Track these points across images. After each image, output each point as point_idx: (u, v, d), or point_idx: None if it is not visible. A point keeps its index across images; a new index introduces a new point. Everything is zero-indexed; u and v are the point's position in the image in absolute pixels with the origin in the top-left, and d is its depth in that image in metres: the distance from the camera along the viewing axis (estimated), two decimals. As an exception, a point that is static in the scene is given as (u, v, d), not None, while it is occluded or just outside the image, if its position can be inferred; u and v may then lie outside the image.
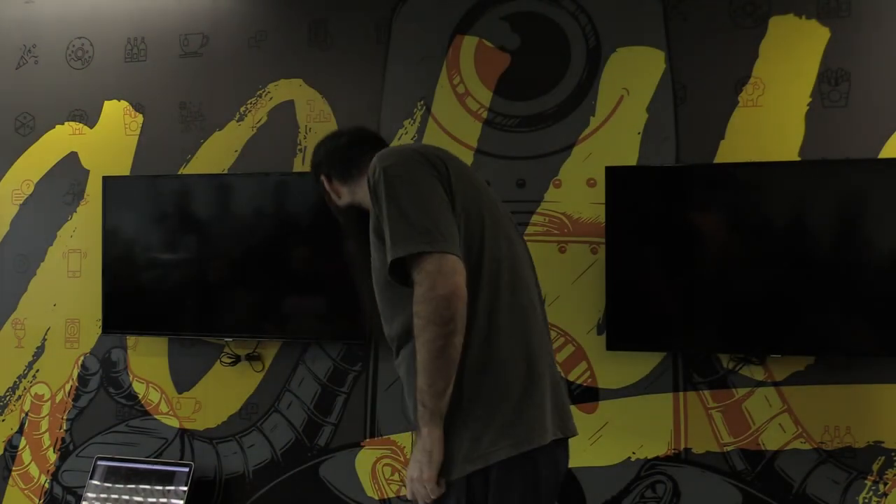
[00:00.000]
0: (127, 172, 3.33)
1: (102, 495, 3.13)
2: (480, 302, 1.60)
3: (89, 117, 3.40)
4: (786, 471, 2.74)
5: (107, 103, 3.39)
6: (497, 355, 1.59)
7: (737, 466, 2.77)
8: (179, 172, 3.27)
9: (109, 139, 3.38)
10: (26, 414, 3.42)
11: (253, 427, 3.18)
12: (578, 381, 2.89)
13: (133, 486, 3.12)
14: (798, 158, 2.75)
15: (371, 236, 1.68)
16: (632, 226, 2.76)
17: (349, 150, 1.89)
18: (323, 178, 1.93)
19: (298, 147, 3.17)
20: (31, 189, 3.45)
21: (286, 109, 3.19)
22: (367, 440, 3.07)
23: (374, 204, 1.63)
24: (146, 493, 3.09)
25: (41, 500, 3.38)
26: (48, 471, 3.38)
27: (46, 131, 3.45)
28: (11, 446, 3.43)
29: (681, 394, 2.83)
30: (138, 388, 3.31)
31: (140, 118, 3.35)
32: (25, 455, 3.41)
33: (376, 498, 3.05)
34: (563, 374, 2.88)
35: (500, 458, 1.55)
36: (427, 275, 1.51)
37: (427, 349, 1.50)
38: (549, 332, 1.78)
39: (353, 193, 1.88)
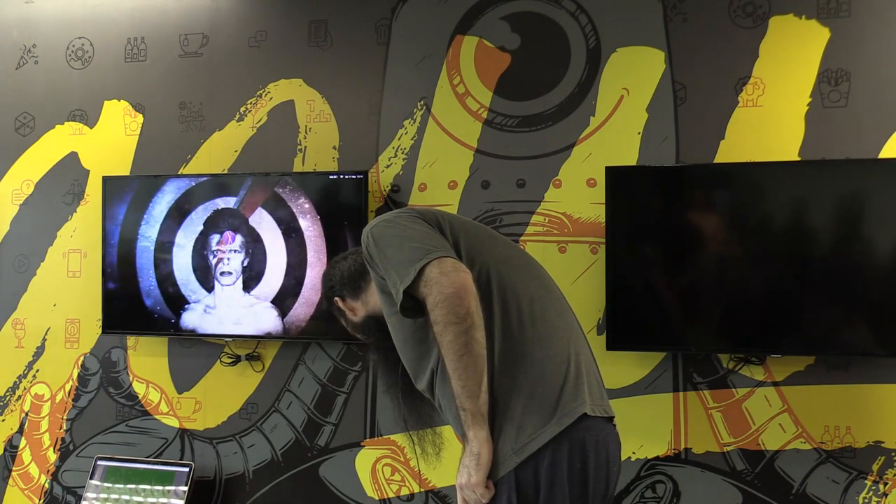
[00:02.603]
0: (127, 172, 3.33)
1: (102, 495, 3.13)
2: (497, 303, 1.65)
3: (89, 117, 3.41)
4: (786, 471, 2.74)
5: (107, 103, 3.39)
6: (527, 346, 1.62)
7: (737, 466, 2.78)
8: (179, 172, 3.27)
9: (109, 139, 3.38)
10: (26, 414, 3.42)
11: (253, 427, 3.19)
12: (578, 381, 2.89)
13: (133, 486, 3.12)
14: (798, 158, 2.75)
15: (381, 300, 1.75)
16: (632, 226, 2.76)
17: (355, 264, 1.94)
18: (337, 300, 1.98)
19: (298, 147, 3.17)
20: (31, 189, 3.45)
21: (286, 109, 3.19)
22: (367, 440, 3.07)
23: (372, 268, 1.70)
24: (146, 493, 3.09)
25: (41, 500, 3.38)
26: (48, 471, 3.38)
27: (46, 131, 3.45)
28: (11, 446, 3.43)
29: (681, 394, 2.83)
30: (138, 388, 3.31)
31: (140, 118, 3.35)
32: (25, 455, 3.41)
33: (376, 498, 3.05)
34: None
35: (545, 440, 1.55)
36: (430, 282, 1.53)
37: (451, 351, 1.52)
38: (582, 331, 1.80)
39: (366, 304, 1.94)
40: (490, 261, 1.70)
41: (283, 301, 3.04)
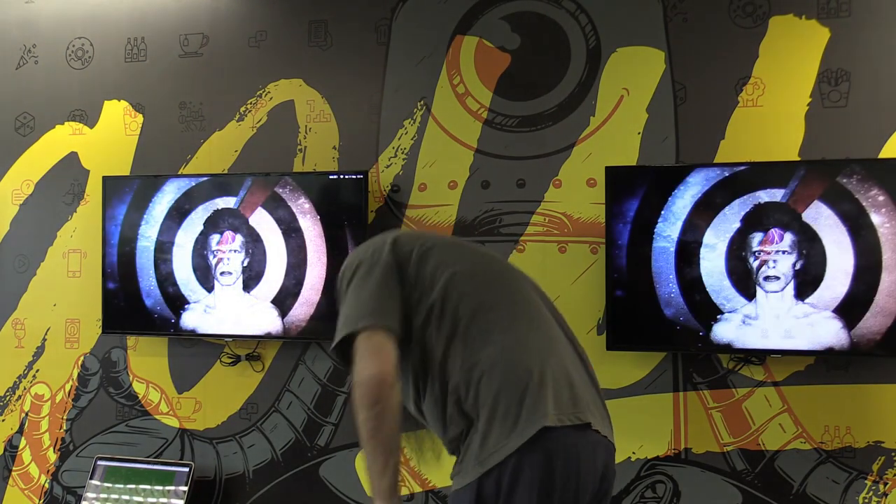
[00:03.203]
0: (127, 172, 3.33)
1: (102, 495, 3.13)
2: (463, 318, 1.67)
3: (89, 117, 3.40)
4: (786, 471, 2.74)
5: (107, 103, 3.39)
6: (491, 359, 1.63)
7: (737, 466, 2.77)
8: (179, 172, 3.27)
9: (109, 139, 3.38)
10: (26, 414, 3.42)
11: (253, 427, 3.18)
12: (578, 381, 2.89)
13: (133, 486, 3.12)
14: (798, 158, 2.75)
15: None
16: (632, 226, 2.76)
17: None
18: None
19: (298, 147, 3.17)
20: (31, 189, 3.45)
21: (286, 109, 3.19)
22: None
23: None
24: (146, 493, 3.09)
25: (41, 500, 3.38)
26: (48, 471, 3.39)
27: (46, 131, 3.45)
28: (11, 446, 3.43)
29: (681, 394, 2.83)
30: (138, 388, 3.31)
31: (140, 118, 3.35)
32: (25, 455, 3.41)
33: (376, 498, 3.05)
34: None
35: (505, 454, 1.55)
36: (356, 355, 1.60)
37: (363, 430, 1.57)
38: (566, 335, 1.78)
39: None
40: (456, 276, 1.70)
41: (283, 301, 3.04)
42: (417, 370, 1.70)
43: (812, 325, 2.62)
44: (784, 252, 2.64)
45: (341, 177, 3.02)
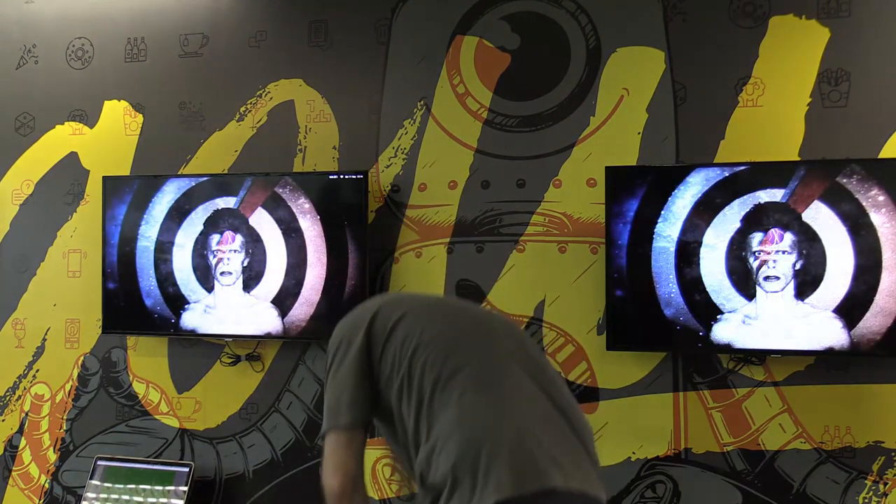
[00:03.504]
0: (127, 172, 3.33)
1: (102, 495, 3.13)
2: (427, 388, 1.67)
3: (89, 117, 3.40)
4: (786, 471, 2.74)
5: (107, 103, 3.39)
6: (443, 435, 1.61)
7: (737, 466, 2.77)
8: (179, 172, 3.27)
9: (109, 139, 3.38)
10: (26, 414, 3.42)
11: (253, 427, 3.18)
12: (578, 382, 2.89)
13: (133, 486, 3.12)
14: (798, 158, 2.75)
15: None
16: (632, 226, 2.76)
17: None
18: None
19: (298, 147, 3.17)
20: (31, 189, 3.45)
21: (286, 109, 3.19)
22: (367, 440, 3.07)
23: None
24: (146, 493, 3.09)
25: (41, 500, 3.38)
26: (48, 471, 3.38)
27: (46, 131, 3.45)
28: (11, 446, 3.43)
29: (681, 394, 2.83)
30: (138, 388, 3.31)
31: (140, 118, 3.35)
32: (25, 455, 3.41)
33: (376, 498, 3.05)
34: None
35: None
36: (324, 454, 1.76)
37: None
38: (536, 390, 1.70)
39: None
40: (419, 349, 1.70)
41: (283, 301, 3.04)
42: (404, 444, 1.75)
43: (812, 325, 2.61)
44: (784, 252, 2.64)
45: (341, 177, 3.02)
